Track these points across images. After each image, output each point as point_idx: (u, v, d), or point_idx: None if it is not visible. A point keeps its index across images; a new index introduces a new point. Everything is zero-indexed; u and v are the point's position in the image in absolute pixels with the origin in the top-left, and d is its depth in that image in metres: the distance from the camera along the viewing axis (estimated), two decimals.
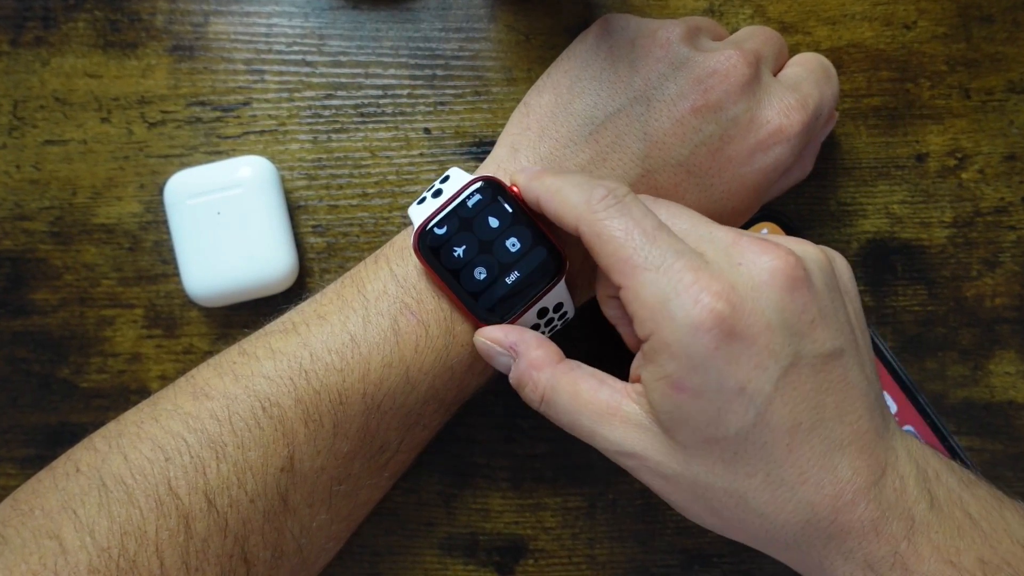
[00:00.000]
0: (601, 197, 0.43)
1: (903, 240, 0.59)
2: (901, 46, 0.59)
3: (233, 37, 0.60)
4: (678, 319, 0.39)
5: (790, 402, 0.40)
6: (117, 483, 0.43)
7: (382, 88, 0.60)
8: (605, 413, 0.44)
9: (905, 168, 0.59)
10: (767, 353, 0.39)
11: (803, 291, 0.40)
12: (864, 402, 0.42)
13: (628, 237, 0.41)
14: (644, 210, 0.42)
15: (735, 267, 0.41)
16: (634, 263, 0.41)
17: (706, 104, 0.48)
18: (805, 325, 0.40)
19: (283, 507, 0.45)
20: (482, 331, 0.48)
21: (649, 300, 0.40)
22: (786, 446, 0.40)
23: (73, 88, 0.60)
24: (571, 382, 0.45)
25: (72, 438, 0.58)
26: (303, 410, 0.45)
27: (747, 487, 0.41)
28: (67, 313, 0.60)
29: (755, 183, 0.50)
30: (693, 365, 0.39)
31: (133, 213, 0.60)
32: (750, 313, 0.39)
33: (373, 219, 0.60)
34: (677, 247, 0.41)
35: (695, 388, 0.40)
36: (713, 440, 0.41)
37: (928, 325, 0.59)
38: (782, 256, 0.40)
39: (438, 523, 0.59)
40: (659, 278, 0.40)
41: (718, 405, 0.40)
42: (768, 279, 0.40)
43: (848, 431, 0.41)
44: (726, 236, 0.42)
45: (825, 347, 0.41)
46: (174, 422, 0.45)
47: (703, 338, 0.39)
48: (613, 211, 0.42)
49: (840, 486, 0.41)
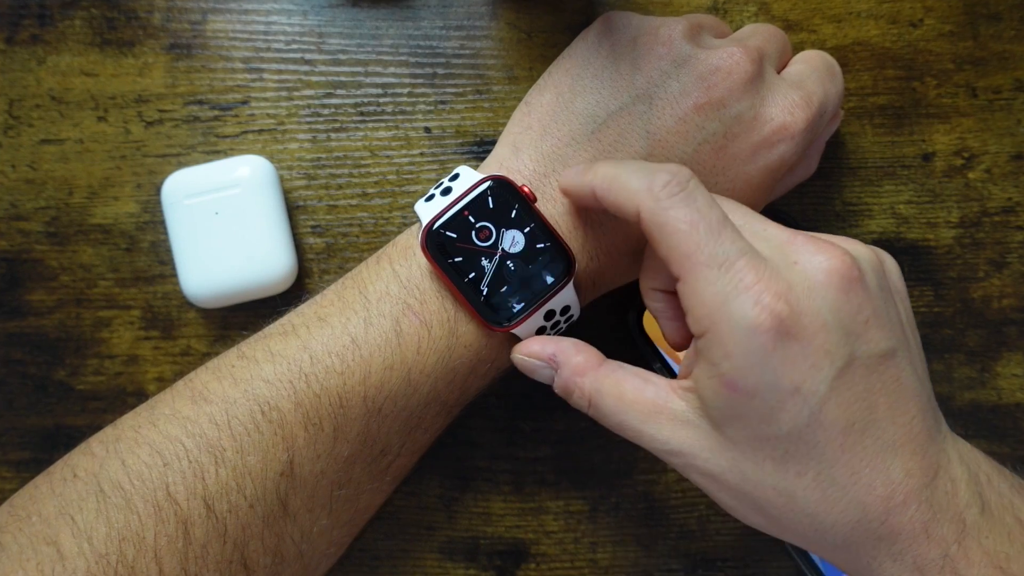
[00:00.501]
0: (664, 183, 0.41)
1: (909, 240, 0.59)
2: (907, 44, 0.59)
3: (231, 35, 0.60)
4: (736, 319, 0.39)
5: (844, 402, 0.40)
6: (115, 488, 0.43)
7: (382, 87, 0.60)
8: (652, 411, 0.44)
9: (911, 168, 0.59)
10: (823, 353, 0.39)
11: (858, 291, 0.40)
12: (917, 403, 0.41)
13: (693, 230, 0.40)
14: (709, 200, 0.41)
15: (791, 266, 0.40)
16: (697, 259, 0.40)
17: (709, 101, 0.48)
18: (860, 325, 0.40)
19: (283, 512, 0.45)
20: (518, 347, 0.48)
21: (708, 298, 0.40)
22: (839, 446, 0.40)
23: (69, 87, 0.60)
24: (615, 383, 0.45)
25: (68, 441, 0.58)
26: (303, 414, 0.45)
27: (797, 486, 0.41)
28: (63, 314, 0.60)
29: (759, 181, 0.50)
30: (749, 365, 0.39)
31: (130, 213, 0.59)
32: (807, 313, 0.39)
33: (373, 219, 0.59)
34: (740, 244, 0.40)
35: (749, 388, 0.39)
36: (764, 438, 0.40)
37: (935, 326, 0.59)
38: (838, 255, 0.40)
39: (439, 527, 0.59)
40: (721, 276, 0.39)
41: (772, 404, 0.39)
42: (824, 279, 0.40)
43: (901, 432, 0.41)
44: (780, 233, 0.42)
45: (879, 347, 0.40)
46: (172, 427, 0.45)
47: (760, 339, 0.38)
48: (677, 200, 0.41)
49: (892, 487, 0.40)
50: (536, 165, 0.50)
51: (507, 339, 0.49)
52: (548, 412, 0.59)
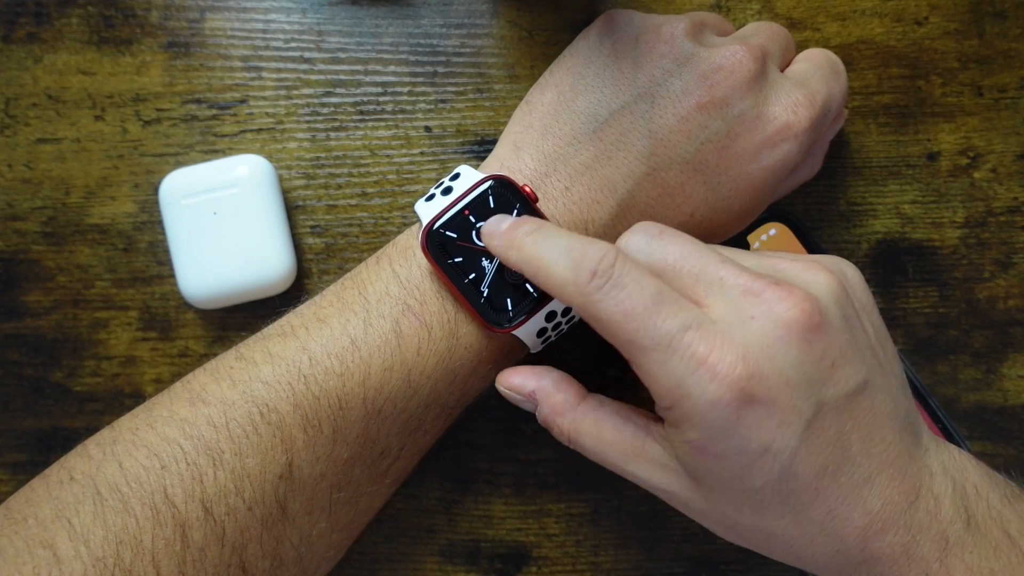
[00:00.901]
0: (589, 276, 0.41)
1: (914, 241, 0.59)
2: (912, 42, 0.59)
3: (230, 33, 0.60)
4: (696, 396, 0.39)
5: (815, 450, 0.40)
6: (112, 491, 0.43)
7: (382, 85, 0.60)
8: (631, 453, 0.44)
9: (916, 167, 0.59)
10: (789, 410, 0.39)
11: (821, 337, 0.40)
12: (893, 426, 0.42)
13: (628, 318, 0.40)
14: (638, 279, 0.40)
15: (747, 322, 0.40)
16: (640, 344, 0.40)
17: (712, 100, 0.48)
18: (825, 371, 0.40)
19: (282, 515, 0.45)
20: (501, 378, 0.49)
21: (663, 380, 0.40)
22: (813, 490, 0.40)
23: (66, 85, 0.60)
24: (594, 423, 0.46)
25: (65, 443, 0.58)
26: (302, 416, 0.45)
27: (775, 526, 0.42)
28: (60, 315, 0.60)
29: (762, 181, 0.49)
30: (715, 434, 0.39)
31: (127, 213, 0.59)
32: (768, 375, 0.39)
33: (373, 219, 0.59)
34: (682, 317, 0.40)
35: (719, 453, 0.40)
36: (739, 490, 0.41)
37: (939, 328, 0.59)
38: (796, 304, 0.40)
39: (439, 530, 0.59)
40: (669, 357, 0.39)
41: (743, 464, 0.40)
42: (784, 334, 0.39)
43: (876, 462, 0.41)
44: (737, 282, 0.41)
45: (848, 386, 0.40)
46: (170, 429, 0.45)
47: (723, 411, 0.39)
48: (606, 291, 0.40)
49: (869, 518, 0.41)
50: (537, 164, 0.50)
51: (508, 340, 0.49)
52: None
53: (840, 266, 0.45)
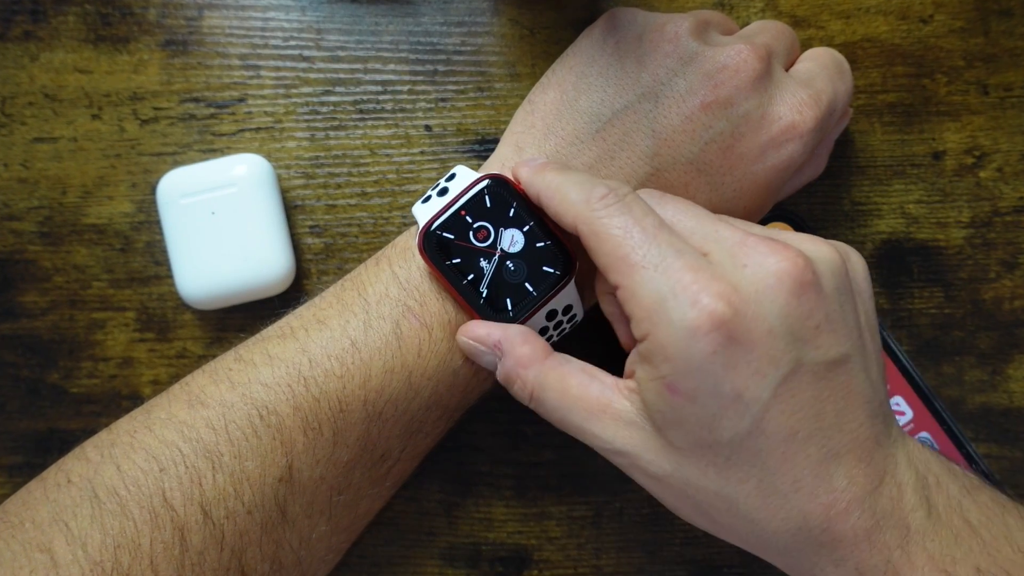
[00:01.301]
0: (601, 196, 0.42)
1: (919, 241, 0.59)
2: (917, 40, 0.59)
3: (228, 31, 0.60)
4: (675, 321, 0.39)
5: (788, 410, 0.40)
6: (110, 494, 0.43)
7: (382, 84, 0.60)
8: (595, 410, 0.43)
9: (921, 166, 0.59)
10: (767, 360, 0.39)
11: (810, 295, 0.40)
12: (866, 409, 0.42)
13: (626, 235, 0.41)
14: (645, 208, 0.42)
15: (740, 268, 0.40)
16: (631, 261, 0.40)
17: (716, 100, 0.48)
18: (809, 331, 0.40)
19: (281, 518, 0.45)
20: (464, 329, 0.48)
21: (646, 300, 0.40)
22: (781, 454, 0.40)
23: (63, 84, 0.60)
24: (559, 378, 0.45)
25: (62, 445, 0.58)
26: (302, 418, 0.45)
27: (738, 492, 0.41)
28: (57, 316, 0.59)
29: (767, 181, 0.49)
30: (689, 369, 0.39)
31: (125, 213, 0.59)
32: (752, 318, 0.39)
33: (372, 219, 0.59)
34: (678, 246, 0.40)
35: (690, 392, 0.40)
36: (706, 444, 0.40)
37: (945, 328, 0.59)
38: (790, 258, 0.40)
39: (439, 533, 0.59)
40: (657, 277, 0.40)
41: (713, 410, 0.39)
42: (774, 283, 0.39)
43: (847, 439, 0.41)
44: (733, 235, 0.42)
45: (829, 354, 0.40)
46: (168, 431, 0.45)
47: (700, 342, 0.38)
48: (613, 209, 0.42)
49: (834, 495, 0.40)
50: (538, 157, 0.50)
51: None
52: None
53: (846, 248, 0.45)
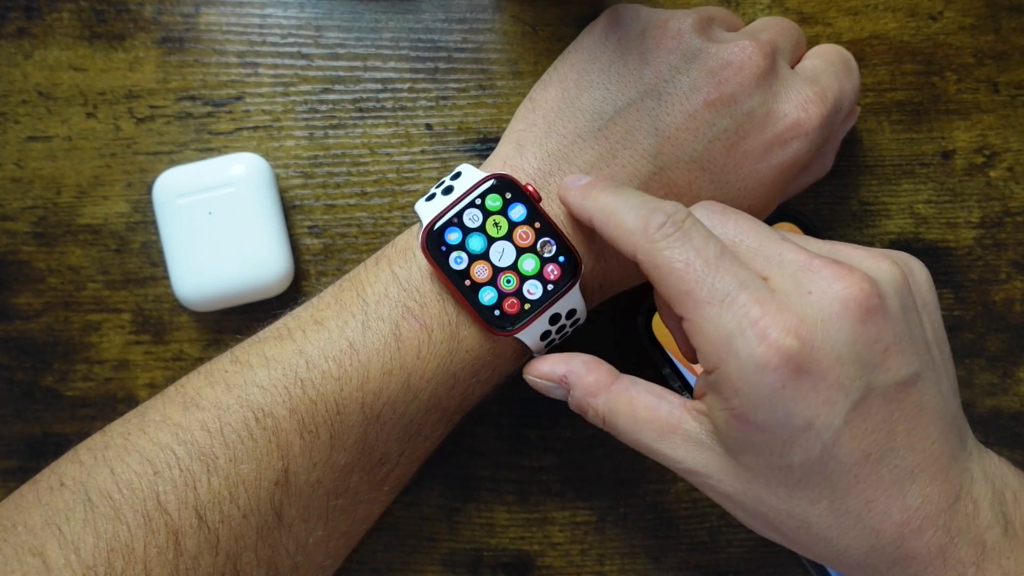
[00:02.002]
0: (659, 224, 0.42)
1: (928, 241, 0.59)
2: (926, 38, 0.59)
3: (225, 28, 0.60)
4: (743, 356, 0.39)
5: (859, 435, 0.40)
6: (103, 498, 0.43)
7: (381, 82, 0.60)
8: (665, 431, 0.44)
9: (930, 166, 0.59)
10: (837, 387, 0.39)
11: (877, 319, 0.40)
12: (939, 425, 0.41)
13: (689, 269, 0.40)
14: (706, 236, 0.41)
15: (804, 296, 0.40)
16: (696, 297, 0.40)
17: (720, 97, 0.48)
18: (878, 355, 0.40)
19: (277, 523, 0.45)
20: (529, 368, 0.49)
21: (713, 336, 0.40)
22: (853, 477, 0.40)
23: (57, 82, 0.60)
24: (628, 402, 0.45)
25: (56, 449, 0.58)
26: (298, 421, 0.45)
27: (810, 512, 0.41)
28: (51, 318, 0.60)
29: (772, 180, 0.49)
30: (759, 402, 0.39)
31: (120, 213, 0.59)
32: (820, 348, 0.39)
33: (372, 219, 0.59)
34: (742, 277, 0.40)
35: (760, 423, 0.40)
36: (777, 467, 0.41)
37: (954, 331, 0.59)
38: (856, 283, 0.40)
39: (440, 538, 0.59)
40: (723, 313, 0.39)
41: (783, 439, 0.40)
42: (840, 310, 0.39)
43: (919, 457, 0.41)
44: (796, 257, 0.41)
45: (899, 375, 0.40)
46: (163, 434, 0.45)
47: (769, 376, 0.38)
48: (673, 240, 0.41)
49: (908, 514, 0.41)
50: (541, 163, 0.50)
51: (511, 344, 0.49)
52: (554, 419, 0.59)
53: (907, 260, 0.45)
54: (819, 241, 0.45)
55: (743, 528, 0.58)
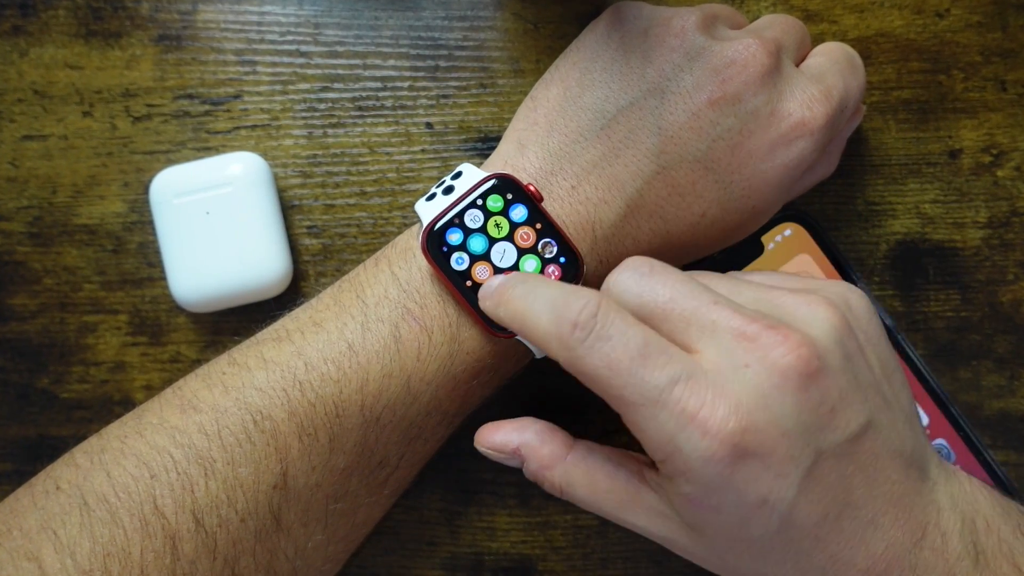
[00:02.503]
0: (571, 327, 0.41)
1: (935, 242, 0.59)
2: (933, 35, 0.59)
3: (223, 26, 0.60)
4: (688, 452, 0.39)
5: (815, 498, 0.40)
6: (100, 501, 0.43)
7: (381, 80, 0.60)
8: (626, 502, 0.44)
9: (937, 165, 0.59)
10: (786, 460, 0.39)
11: (819, 382, 0.40)
12: (897, 464, 0.42)
13: (613, 373, 0.40)
14: (623, 330, 0.40)
15: (741, 371, 0.39)
16: (628, 400, 0.40)
17: (724, 96, 0.48)
18: (824, 417, 0.40)
19: (276, 527, 0.45)
20: (480, 438, 0.49)
21: (653, 435, 0.40)
22: (814, 538, 0.40)
23: (53, 80, 0.60)
24: (585, 473, 0.46)
25: (52, 452, 0.58)
26: (297, 423, 0.45)
27: (777, 571, 0.42)
28: (47, 319, 0.60)
29: (777, 180, 0.49)
30: (710, 489, 0.39)
31: (117, 213, 0.59)
32: (763, 427, 0.39)
33: (372, 219, 0.59)
34: (670, 370, 0.39)
35: (714, 506, 0.40)
36: (739, 540, 0.41)
37: (961, 332, 0.59)
38: (793, 350, 0.39)
39: (441, 542, 0.59)
40: (658, 413, 0.39)
41: (740, 516, 0.40)
42: (780, 382, 0.39)
43: (880, 503, 0.41)
44: (730, 324, 0.41)
45: (849, 431, 0.40)
46: (160, 437, 0.45)
47: (716, 467, 0.38)
48: (590, 344, 0.40)
49: (872, 560, 0.41)
50: (542, 163, 0.50)
51: (512, 345, 0.49)
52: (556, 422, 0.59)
53: (845, 296, 0.44)
54: (753, 287, 0.44)
55: None
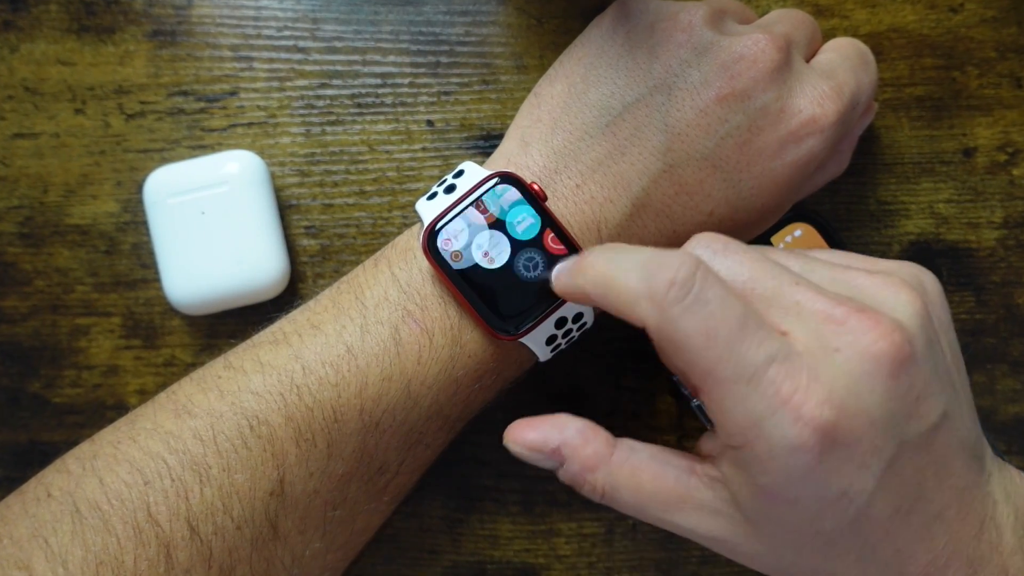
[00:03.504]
0: (667, 286, 0.39)
1: (949, 242, 0.59)
2: (947, 31, 0.59)
3: (219, 21, 0.60)
4: (775, 438, 0.38)
5: (892, 491, 0.39)
6: (92, 509, 0.43)
7: (381, 76, 0.60)
8: (674, 502, 0.43)
9: (951, 164, 0.59)
10: (871, 452, 0.38)
11: (909, 370, 0.39)
12: (963, 456, 0.41)
13: (709, 343, 0.38)
14: (723, 296, 0.39)
15: (831, 355, 0.38)
16: (719, 375, 0.38)
17: (732, 92, 0.48)
18: (910, 405, 0.39)
19: (273, 534, 0.45)
20: (514, 435, 0.47)
21: (739, 417, 0.38)
22: (884, 532, 0.40)
23: (44, 76, 0.60)
24: (630, 475, 0.44)
25: (43, 457, 0.57)
26: (294, 428, 0.45)
27: (836, 567, 0.41)
28: (38, 322, 0.59)
29: (787, 178, 0.49)
30: (791, 480, 0.38)
31: (110, 213, 0.59)
32: (853, 415, 0.38)
33: (371, 219, 0.59)
34: (768, 347, 0.38)
35: (791, 499, 0.39)
36: (807, 535, 0.40)
37: (976, 335, 0.59)
38: (886, 335, 0.38)
39: (442, 551, 0.59)
40: (750, 393, 0.38)
41: (815, 510, 0.39)
42: (873, 368, 0.38)
43: (946, 497, 0.41)
44: (816, 307, 0.40)
45: (930, 420, 0.40)
46: (154, 442, 0.45)
47: (804, 457, 0.37)
48: (686, 307, 0.38)
49: (934, 554, 0.40)
50: (546, 160, 0.50)
51: (515, 348, 0.49)
52: None
53: (920, 278, 0.43)
54: (827, 266, 0.43)
55: None
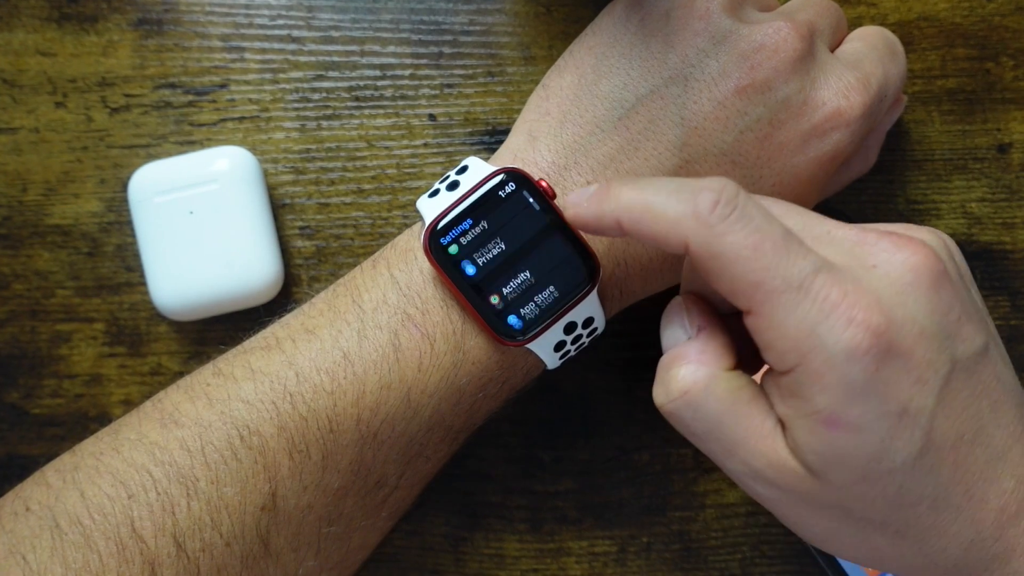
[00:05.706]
0: (712, 205, 0.39)
1: (983, 243, 0.58)
2: (980, 19, 0.59)
3: (208, 9, 0.60)
4: (830, 346, 0.37)
5: (952, 414, 0.39)
6: (73, 524, 0.43)
7: (380, 68, 0.60)
8: (753, 437, 0.41)
9: (985, 160, 0.59)
10: (926, 364, 0.38)
11: (947, 286, 0.39)
12: (1014, 399, 0.41)
13: (758, 254, 0.38)
14: (765, 213, 0.39)
15: (870, 270, 0.39)
16: (768, 287, 0.38)
17: (752, 83, 0.48)
18: (953, 324, 0.39)
19: (264, 551, 0.45)
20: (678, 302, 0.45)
21: (792, 329, 0.38)
22: (952, 464, 0.39)
23: (23, 68, 0.60)
24: (732, 389, 0.42)
25: (21, 472, 0.57)
26: (287, 439, 0.45)
27: (908, 516, 0.41)
28: (16, 328, 0.60)
29: (810, 175, 0.49)
30: (852, 395, 0.38)
31: (93, 212, 0.59)
32: (903, 323, 0.38)
33: (370, 219, 0.59)
34: (813, 258, 0.39)
35: (854, 421, 0.38)
36: (875, 475, 0.40)
37: (1012, 341, 0.58)
38: (920, 250, 0.39)
39: (445, 570, 0.59)
40: (801, 300, 0.38)
41: (881, 435, 0.38)
42: (913, 279, 0.39)
43: (1005, 434, 0.41)
44: (847, 233, 0.41)
45: (975, 345, 0.40)
46: (138, 453, 0.45)
47: (862, 362, 0.37)
48: (732, 222, 0.39)
49: (1005, 498, 0.40)
50: (555, 156, 0.50)
51: (521, 355, 0.49)
52: (570, 440, 0.59)
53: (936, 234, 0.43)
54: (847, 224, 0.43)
55: (778, 560, 0.57)
